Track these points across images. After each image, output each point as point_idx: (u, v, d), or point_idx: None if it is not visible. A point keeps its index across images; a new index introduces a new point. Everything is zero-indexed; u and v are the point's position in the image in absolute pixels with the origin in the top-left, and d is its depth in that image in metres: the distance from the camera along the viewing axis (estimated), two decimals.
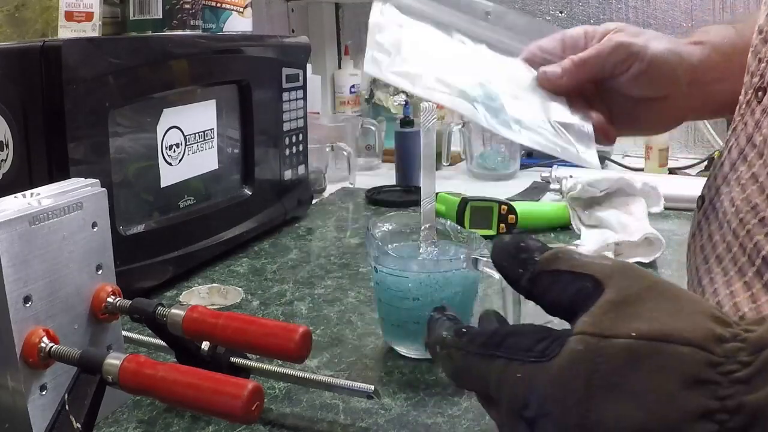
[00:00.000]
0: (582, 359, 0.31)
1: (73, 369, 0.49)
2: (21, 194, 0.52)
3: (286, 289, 0.85)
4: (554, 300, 0.35)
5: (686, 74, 0.58)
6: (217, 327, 0.54)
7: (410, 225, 0.71)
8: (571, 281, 0.34)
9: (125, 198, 0.80)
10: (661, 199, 1.05)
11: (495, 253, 0.40)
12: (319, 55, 1.82)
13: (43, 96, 0.70)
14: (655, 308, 0.32)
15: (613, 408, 0.30)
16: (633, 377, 0.30)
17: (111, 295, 0.56)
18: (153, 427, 0.57)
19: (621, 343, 0.30)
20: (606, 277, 0.33)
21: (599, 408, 0.30)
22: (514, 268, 0.38)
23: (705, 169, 1.48)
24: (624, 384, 0.30)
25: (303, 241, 1.05)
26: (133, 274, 0.79)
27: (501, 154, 1.48)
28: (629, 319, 0.31)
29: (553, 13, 1.73)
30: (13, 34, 1.10)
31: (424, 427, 0.56)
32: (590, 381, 0.30)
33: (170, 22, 1.06)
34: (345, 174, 1.39)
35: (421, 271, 0.64)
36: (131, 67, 0.77)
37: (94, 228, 0.55)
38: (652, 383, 0.29)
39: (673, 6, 1.63)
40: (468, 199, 1.05)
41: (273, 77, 1.04)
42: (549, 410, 0.31)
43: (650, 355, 0.30)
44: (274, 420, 0.58)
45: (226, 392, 0.46)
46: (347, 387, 0.56)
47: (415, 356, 0.67)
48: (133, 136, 0.81)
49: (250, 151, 1.01)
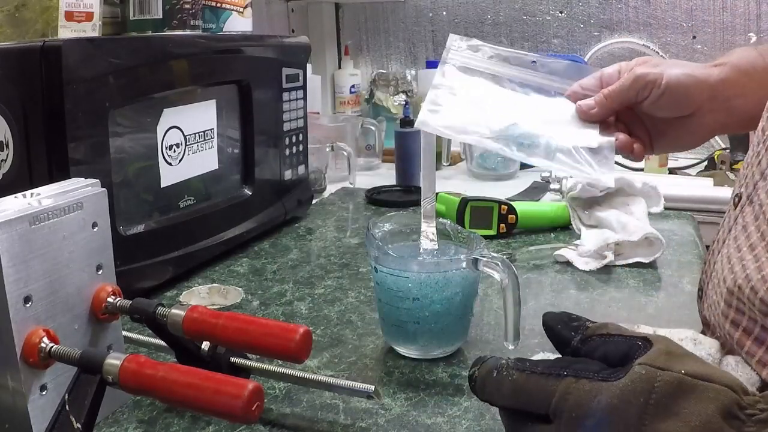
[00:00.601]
0: (643, 381, 0.38)
1: (73, 369, 0.49)
2: (21, 194, 0.52)
3: (286, 289, 0.85)
4: (606, 354, 0.43)
5: (703, 93, 0.67)
6: (218, 327, 0.54)
7: (410, 225, 0.71)
8: (623, 341, 0.43)
9: (125, 198, 0.80)
10: (661, 199, 1.06)
11: (549, 318, 0.49)
12: (319, 55, 1.82)
13: (43, 96, 0.69)
14: (697, 360, 0.40)
15: (664, 424, 0.37)
16: (682, 402, 0.37)
17: (111, 295, 0.56)
18: (153, 427, 0.57)
19: (674, 375, 0.38)
20: (654, 339, 0.42)
21: (653, 422, 0.37)
22: (566, 332, 0.47)
23: (705, 169, 1.48)
24: (674, 406, 0.37)
25: (303, 241, 1.05)
26: (133, 274, 0.79)
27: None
28: (678, 362, 0.39)
29: (553, 13, 1.73)
30: (13, 34, 1.10)
31: (424, 427, 0.56)
32: (647, 400, 0.38)
33: (170, 22, 1.05)
34: (345, 174, 1.39)
35: (421, 271, 0.64)
36: (131, 67, 0.77)
37: (95, 228, 0.55)
38: (696, 408, 0.37)
39: (673, 6, 1.63)
40: (468, 199, 1.05)
41: (273, 77, 1.04)
42: (611, 420, 0.38)
43: (695, 387, 0.38)
44: (275, 420, 0.58)
45: (226, 392, 0.46)
46: (347, 387, 0.56)
47: (415, 356, 0.67)
48: (133, 136, 0.81)
49: (250, 151, 1.01)
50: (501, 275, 0.61)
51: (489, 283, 0.83)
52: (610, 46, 1.69)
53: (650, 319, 0.74)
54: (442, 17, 1.82)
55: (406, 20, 1.86)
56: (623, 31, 1.68)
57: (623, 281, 0.87)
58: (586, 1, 1.69)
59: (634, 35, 1.67)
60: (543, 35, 1.74)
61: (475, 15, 1.79)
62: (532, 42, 1.75)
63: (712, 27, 1.62)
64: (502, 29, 1.77)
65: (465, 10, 1.79)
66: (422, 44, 1.85)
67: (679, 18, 1.64)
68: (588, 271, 0.89)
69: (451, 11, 1.81)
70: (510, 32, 1.77)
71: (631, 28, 1.67)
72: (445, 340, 0.67)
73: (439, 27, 1.83)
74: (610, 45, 1.69)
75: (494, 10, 1.77)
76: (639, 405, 0.38)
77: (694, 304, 0.81)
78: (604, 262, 0.90)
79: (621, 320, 0.66)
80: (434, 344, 0.67)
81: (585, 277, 0.89)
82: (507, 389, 0.43)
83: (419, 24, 1.85)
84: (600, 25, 1.69)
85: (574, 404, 0.40)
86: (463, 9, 1.79)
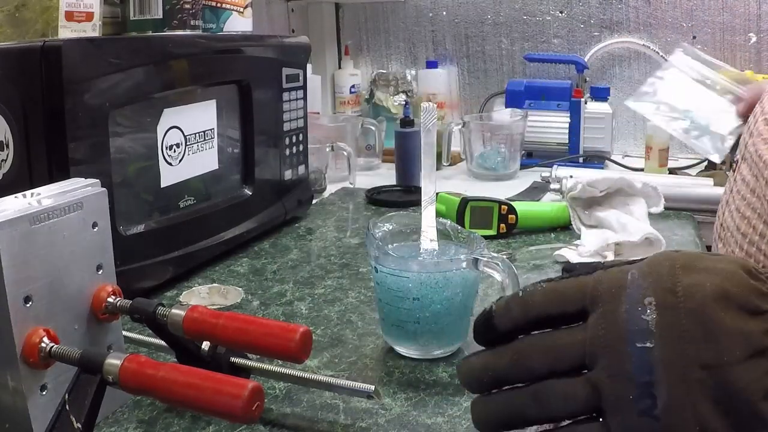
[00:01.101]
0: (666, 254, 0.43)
1: (73, 369, 0.49)
2: (21, 194, 0.52)
3: (286, 289, 0.85)
4: None
5: None
6: (218, 327, 0.54)
7: (410, 225, 0.71)
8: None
9: (125, 198, 0.80)
10: (661, 199, 1.05)
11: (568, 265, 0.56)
12: (319, 55, 1.82)
13: (43, 96, 0.69)
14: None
15: (696, 276, 0.40)
16: (706, 262, 0.41)
17: (111, 295, 0.56)
18: (153, 427, 0.57)
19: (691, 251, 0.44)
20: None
21: (685, 277, 0.40)
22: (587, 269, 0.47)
23: (705, 169, 1.48)
24: (700, 265, 0.41)
25: (303, 241, 1.05)
26: (133, 274, 0.79)
27: (501, 154, 1.48)
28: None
29: (553, 13, 1.73)
30: (14, 34, 1.10)
31: (424, 427, 0.56)
32: (674, 263, 0.41)
33: (170, 22, 1.05)
34: (345, 174, 1.39)
35: (421, 271, 0.64)
36: (131, 67, 0.77)
37: (95, 228, 0.55)
38: (720, 266, 0.41)
39: (673, 6, 1.63)
40: (468, 199, 1.05)
41: (273, 77, 1.04)
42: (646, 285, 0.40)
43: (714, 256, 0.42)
44: (275, 420, 0.58)
45: (226, 392, 0.46)
46: (347, 387, 0.56)
47: (415, 356, 0.67)
48: (133, 136, 0.81)
49: (250, 151, 1.01)
50: (501, 275, 0.61)
51: (489, 283, 0.82)
52: (610, 46, 1.69)
53: None
54: (442, 17, 1.82)
55: (406, 20, 1.86)
56: (623, 31, 1.68)
57: None
58: (586, 1, 1.69)
59: (634, 35, 1.67)
60: (543, 35, 1.74)
61: (475, 15, 1.79)
62: (532, 42, 1.75)
63: (712, 27, 1.62)
64: (502, 29, 1.77)
65: (465, 10, 1.79)
66: (422, 44, 1.85)
67: (679, 18, 1.64)
68: None
69: (451, 11, 1.81)
70: (510, 32, 1.77)
71: (631, 28, 1.67)
72: (445, 340, 0.67)
73: (439, 27, 1.83)
74: (610, 45, 1.69)
75: (494, 10, 1.77)
76: (669, 266, 0.41)
77: None
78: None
79: None
80: (434, 344, 0.67)
81: None
82: (539, 297, 0.44)
83: (419, 24, 1.85)
84: (600, 25, 1.69)
85: (610, 283, 0.42)
86: (463, 9, 1.79)
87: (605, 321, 0.41)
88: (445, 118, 1.75)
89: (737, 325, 0.38)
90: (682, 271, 0.40)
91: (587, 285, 0.43)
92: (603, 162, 1.53)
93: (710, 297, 0.39)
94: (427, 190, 0.68)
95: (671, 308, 0.39)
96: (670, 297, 0.39)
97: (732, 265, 0.41)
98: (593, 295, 0.42)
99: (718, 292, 0.39)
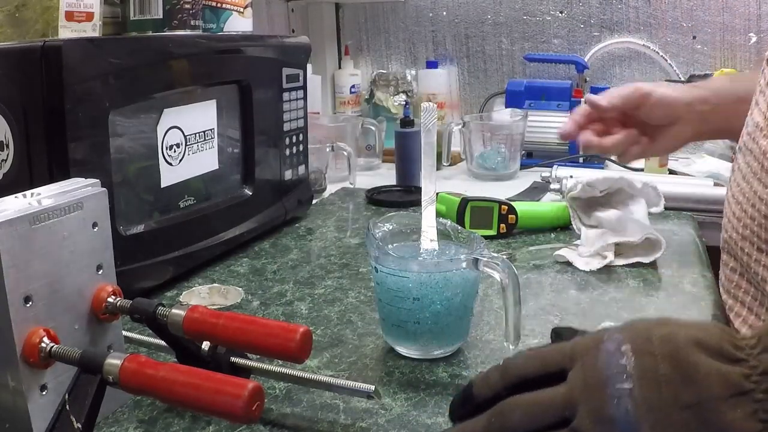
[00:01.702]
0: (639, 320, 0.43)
1: (73, 369, 0.49)
2: (21, 194, 0.52)
3: (286, 289, 0.85)
4: None
5: (683, 106, 0.90)
6: (218, 327, 0.54)
7: (410, 225, 0.71)
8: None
9: (125, 198, 0.80)
10: (661, 199, 1.05)
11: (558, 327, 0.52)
12: (319, 55, 1.82)
13: (43, 96, 0.69)
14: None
15: (670, 328, 0.41)
16: (680, 320, 0.42)
17: (111, 295, 0.56)
18: (153, 427, 0.57)
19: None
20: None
21: (659, 329, 0.41)
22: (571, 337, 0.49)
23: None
24: (674, 321, 0.42)
25: (303, 241, 1.05)
26: (133, 274, 0.79)
27: (501, 154, 1.48)
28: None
29: (553, 13, 1.73)
30: (14, 34, 1.10)
31: (424, 427, 0.56)
32: (649, 322, 0.42)
33: (170, 22, 1.05)
34: (345, 174, 1.39)
35: (421, 271, 0.64)
36: (131, 67, 0.77)
37: (95, 228, 0.55)
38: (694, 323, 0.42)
39: (673, 6, 1.63)
40: (468, 199, 1.05)
41: (273, 77, 1.04)
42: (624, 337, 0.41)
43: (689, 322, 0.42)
44: (275, 420, 0.58)
45: (226, 392, 0.46)
46: (347, 387, 0.56)
47: (415, 356, 0.67)
48: (134, 136, 0.81)
49: (251, 151, 1.01)
50: (501, 275, 0.61)
51: (489, 283, 0.83)
52: (610, 46, 1.69)
53: None
54: (442, 17, 1.82)
55: (406, 20, 1.86)
56: (623, 31, 1.68)
57: (623, 281, 0.87)
58: (586, 1, 1.69)
59: (634, 35, 1.67)
60: (543, 35, 1.74)
61: (475, 15, 1.79)
62: (532, 42, 1.75)
63: (712, 27, 1.62)
64: (502, 29, 1.77)
65: (465, 10, 1.79)
66: (422, 44, 1.85)
67: (679, 18, 1.64)
68: (588, 272, 0.89)
69: (451, 11, 1.81)
70: (510, 32, 1.77)
71: (631, 28, 1.67)
72: (445, 340, 0.67)
73: (439, 27, 1.83)
74: (610, 45, 1.69)
75: (494, 10, 1.77)
76: (645, 323, 0.42)
77: (694, 304, 0.81)
78: (605, 262, 0.90)
79: (621, 320, 0.66)
80: (434, 344, 0.67)
81: (585, 277, 0.89)
82: (521, 359, 0.45)
83: (419, 24, 1.85)
84: (600, 25, 1.69)
85: (588, 341, 0.43)
86: (463, 9, 1.79)
87: (584, 370, 0.41)
88: (445, 118, 1.75)
89: (714, 366, 0.38)
90: (656, 326, 0.41)
91: (566, 346, 0.44)
92: (603, 162, 1.53)
93: (684, 342, 0.40)
94: (428, 190, 0.68)
95: (648, 354, 0.40)
96: (646, 344, 0.40)
97: (706, 323, 0.43)
98: (572, 354, 0.43)
99: (693, 339, 0.40)
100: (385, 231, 0.71)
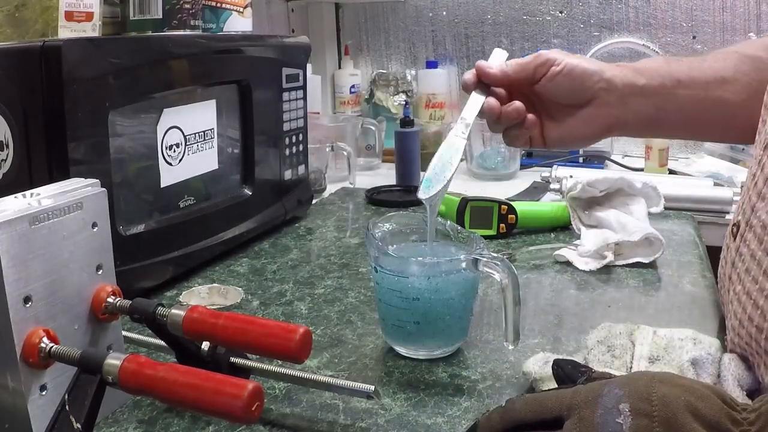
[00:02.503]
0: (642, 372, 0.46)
1: (73, 369, 0.49)
2: (21, 194, 0.52)
3: (286, 289, 0.85)
4: None
5: (598, 82, 0.71)
6: (217, 327, 0.54)
7: (410, 225, 0.71)
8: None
9: (125, 198, 0.80)
10: (661, 199, 1.06)
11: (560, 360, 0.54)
12: (319, 55, 1.82)
13: (43, 96, 0.69)
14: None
15: (672, 389, 0.41)
16: (684, 378, 0.43)
17: (111, 295, 0.56)
18: (153, 427, 0.57)
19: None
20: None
21: (661, 388, 0.41)
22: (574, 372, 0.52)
23: None
24: (678, 379, 0.42)
25: (303, 241, 1.05)
26: (133, 274, 0.79)
27: (501, 154, 1.48)
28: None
29: (553, 13, 1.73)
30: (13, 34, 1.10)
31: (424, 427, 0.56)
32: (653, 377, 0.42)
33: (170, 22, 1.05)
34: (345, 174, 1.39)
35: (421, 272, 0.64)
36: (131, 67, 0.77)
37: (94, 228, 0.55)
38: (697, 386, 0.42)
39: (673, 6, 1.63)
40: (468, 199, 1.05)
41: (273, 77, 1.04)
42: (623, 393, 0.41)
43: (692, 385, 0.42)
44: (274, 420, 0.58)
45: (226, 392, 0.46)
46: (347, 387, 0.56)
47: (415, 356, 0.67)
48: (133, 136, 0.81)
49: (250, 151, 1.01)
50: (501, 275, 0.61)
51: (489, 283, 0.83)
52: (610, 46, 1.69)
53: (650, 319, 0.74)
54: (442, 17, 1.82)
55: (406, 20, 1.86)
56: (623, 31, 1.68)
57: (623, 281, 0.87)
58: (586, 1, 1.69)
59: (634, 35, 1.67)
60: (543, 35, 1.74)
61: (475, 15, 1.79)
62: (532, 42, 1.75)
63: (712, 27, 1.62)
64: (502, 29, 1.77)
65: (465, 10, 1.79)
66: (422, 44, 1.85)
67: (679, 18, 1.64)
68: (588, 271, 0.89)
69: (451, 11, 1.81)
70: (510, 32, 1.77)
71: (631, 28, 1.67)
72: (445, 340, 0.67)
73: (439, 27, 1.83)
74: (610, 45, 1.69)
75: (494, 10, 1.77)
76: (646, 379, 0.42)
77: (694, 304, 0.81)
78: (604, 262, 0.90)
79: (621, 320, 0.66)
80: (434, 344, 0.67)
81: (585, 277, 0.89)
82: (520, 403, 0.45)
83: (419, 24, 1.85)
84: (600, 25, 1.69)
85: (587, 392, 0.43)
86: (463, 9, 1.79)
87: (580, 424, 0.41)
88: (445, 118, 1.75)
89: None
90: (659, 383, 0.41)
91: (565, 395, 0.44)
92: (603, 162, 1.53)
93: (683, 409, 0.40)
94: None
95: (646, 415, 0.40)
96: (645, 405, 0.40)
97: (707, 389, 0.42)
98: (570, 404, 0.43)
99: (692, 408, 0.40)
100: (385, 231, 0.71)
